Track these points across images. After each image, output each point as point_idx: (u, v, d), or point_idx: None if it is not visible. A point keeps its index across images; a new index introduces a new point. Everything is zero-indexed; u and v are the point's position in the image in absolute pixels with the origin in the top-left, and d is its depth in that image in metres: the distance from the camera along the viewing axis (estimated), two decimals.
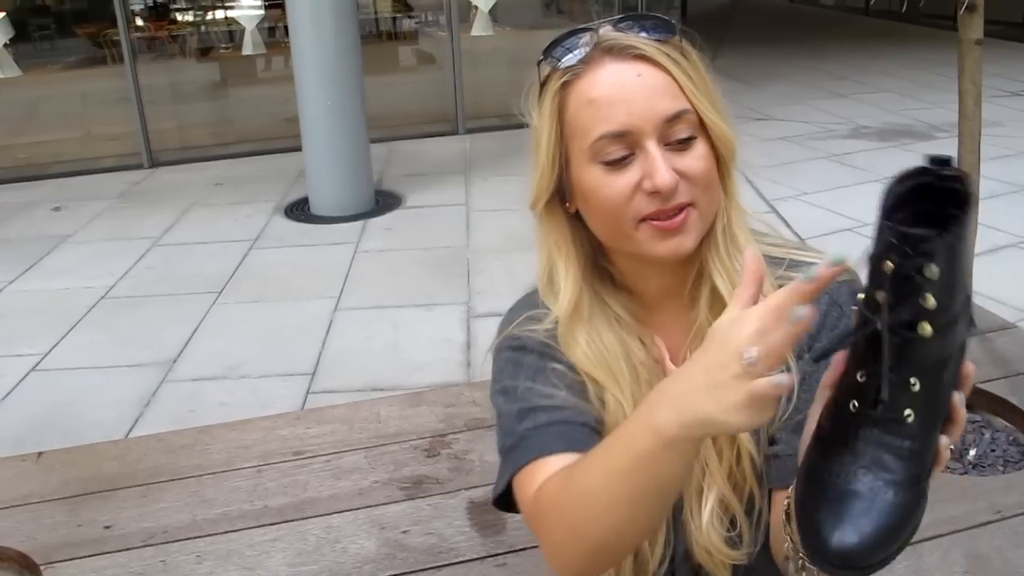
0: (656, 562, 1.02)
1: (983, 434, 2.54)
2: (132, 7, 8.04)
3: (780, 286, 0.91)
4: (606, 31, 0.92)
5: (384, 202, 5.39)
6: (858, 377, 0.67)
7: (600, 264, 1.02)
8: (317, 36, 4.97)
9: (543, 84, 0.94)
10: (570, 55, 0.92)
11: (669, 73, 0.89)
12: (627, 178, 0.89)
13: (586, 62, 0.91)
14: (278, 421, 2.78)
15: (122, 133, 6.63)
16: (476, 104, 7.36)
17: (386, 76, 7.90)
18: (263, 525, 2.26)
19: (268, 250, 4.70)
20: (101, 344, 3.63)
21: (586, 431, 0.95)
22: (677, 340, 0.99)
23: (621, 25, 0.92)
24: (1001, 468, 2.40)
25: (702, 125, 0.91)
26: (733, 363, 0.67)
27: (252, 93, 8.10)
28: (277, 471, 2.49)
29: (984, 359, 2.79)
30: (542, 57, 0.94)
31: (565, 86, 0.92)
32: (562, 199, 0.97)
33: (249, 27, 8.02)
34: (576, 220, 0.99)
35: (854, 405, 0.67)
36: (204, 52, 8.62)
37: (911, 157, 0.91)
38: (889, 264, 0.62)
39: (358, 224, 5.03)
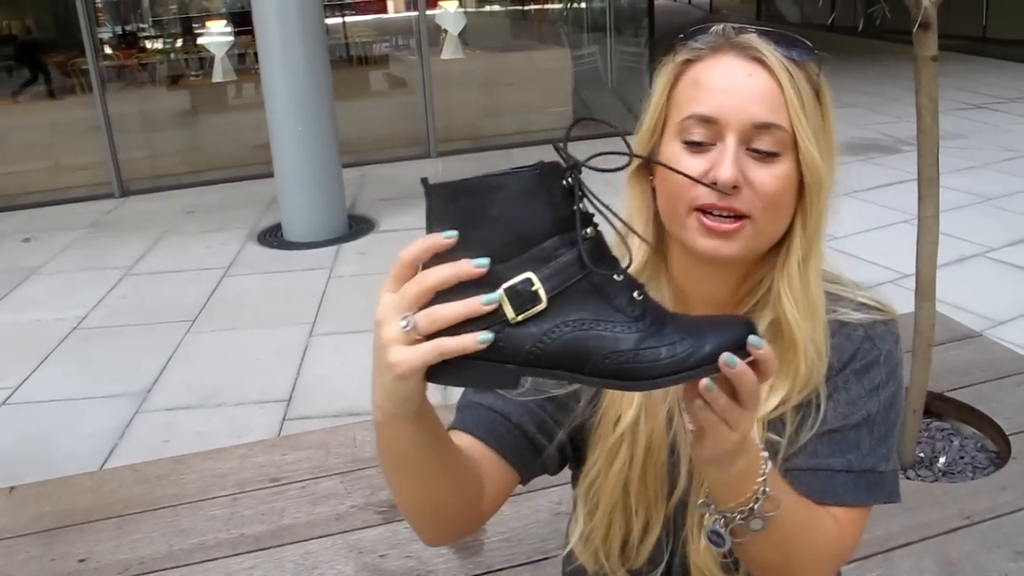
0: (644, 558, 1.04)
1: (952, 442, 2.58)
2: (100, 35, 8.02)
3: (840, 322, 0.98)
4: (745, 34, 0.93)
5: (357, 227, 5.39)
6: (615, 276, 0.72)
7: (663, 249, 1.03)
8: (287, 62, 4.99)
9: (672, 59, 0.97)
10: (701, 39, 0.95)
11: (780, 86, 0.90)
12: (699, 163, 0.91)
13: (711, 48, 0.93)
14: (254, 448, 2.77)
15: (92, 162, 6.61)
16: (448, 127, 7.40)
17: (357, 101, 7.92)
18: (240, 553, 2.24)
19: (241, 277, 4.69)
20: (74, 376, 3.60)
21: (515, 433, 1.01)
22: None
23: (762, 33, 0.93)
24: (970, 474, 2.44)
25: (795, 148, 0.91)
26: (379, 345, 0.72)
27: (223, 120, 8.10)
28: (253, 499, 2.48)
29: (951, 367, 2.84)
30: (682, 35, 0.97)
31: (685, 63, 0.95)
32: (650, 171, 0.99)
33: (219, 54, 8.02)
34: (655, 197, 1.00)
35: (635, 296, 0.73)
36: (174, 80, 8.60)
37: (879, 170, 0.94)
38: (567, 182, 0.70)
39: (332, 249, 5.04)
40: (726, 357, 0.71)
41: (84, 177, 6.72)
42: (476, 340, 0.68)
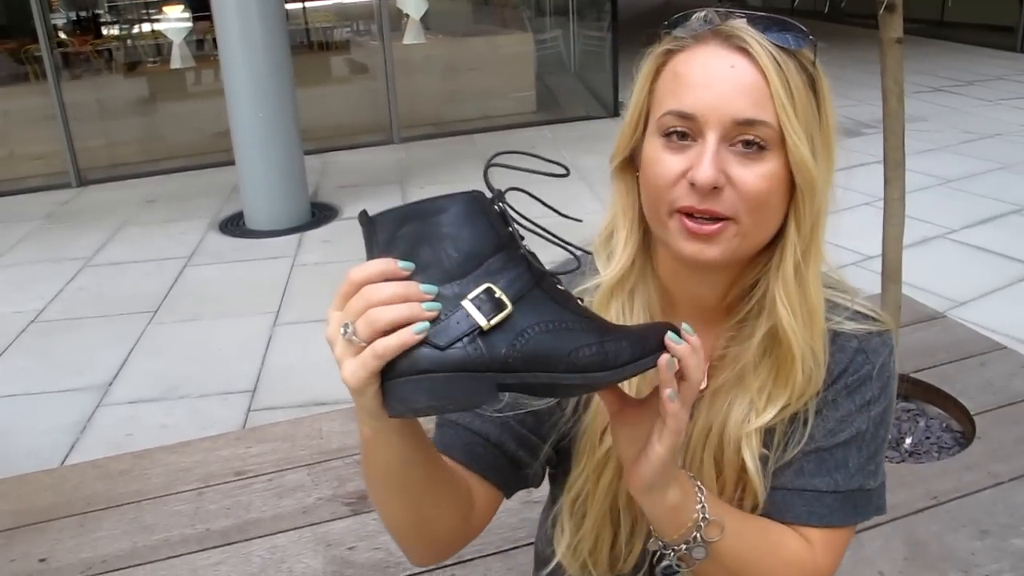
0: (631, 564, 1.03)
1: (918, 422, 2.60)
2: (54, 21, 7.84)
3: (834, 331, 0.95)
4: (733, 20, 0.87)
5: (320, 214, 5.34)
6: (558, 286, 0.77)
7: (650, 248, 0.99)
8: (247, 48, 4.91)
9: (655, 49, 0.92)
10: (685, 27, 0.89)
11: (766, 78, 0.83)
12: (678, 162, 0.86)
13: (694, 38, 0.87)
14: (218, 441, 2.73)
15: (47, 152, 6.47)
16: (410, 113, 7.34)
17: (318, 87, 7.82)
18: (206, 549, 2.21)
19: (204, 267, 4.62)
20: (32, 370, 3.53)
21: (495, 453, 0.98)
22: None
23: (752, 18, 0.87)
24: (936, 455, 2.46)
25: (783, 145, 0.85)
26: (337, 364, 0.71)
27: (182, 107, 7.96)
28: (219, 493, 2.44)
29: (916, 348, 2.86)
30: (666, 22, 0.91)
31: (667, 54, 0.89)
32: (635, 167, 0.94)
33: (177, 40, 7.87)
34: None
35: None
36: (131, 67, 8.44)
37: (842, 153, 0.92)
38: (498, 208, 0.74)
39: (294, 237, 4.98)
40: (672, 336, 0.76)
41: (39, 167, 6.57)
42: (412, 331, 0.66)
